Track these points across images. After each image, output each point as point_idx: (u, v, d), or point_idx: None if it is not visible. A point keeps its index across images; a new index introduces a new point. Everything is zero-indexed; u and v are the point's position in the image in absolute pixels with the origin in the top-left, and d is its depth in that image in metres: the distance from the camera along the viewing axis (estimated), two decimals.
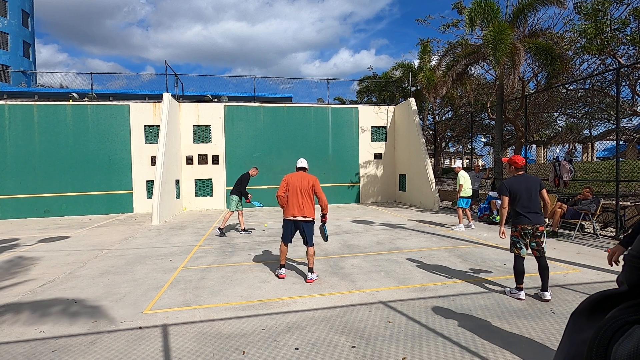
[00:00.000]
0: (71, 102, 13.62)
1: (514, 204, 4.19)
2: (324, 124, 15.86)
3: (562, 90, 13.82)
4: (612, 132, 13.09)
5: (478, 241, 7.42)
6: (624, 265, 0.53)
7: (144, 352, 3.07)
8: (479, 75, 17.53)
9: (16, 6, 30.89)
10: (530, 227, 4.10)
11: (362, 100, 23.27)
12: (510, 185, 4.19)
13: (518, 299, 4.11)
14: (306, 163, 5.27)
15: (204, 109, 14.82)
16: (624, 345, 0.43)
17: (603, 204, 7.55)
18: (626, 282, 0.51)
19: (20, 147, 13.07)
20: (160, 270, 5.67)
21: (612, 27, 9.84)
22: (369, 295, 4.38)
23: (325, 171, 15.62)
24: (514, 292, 4.22)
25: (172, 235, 8.82)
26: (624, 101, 11.40)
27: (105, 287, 4.85)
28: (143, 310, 4.02)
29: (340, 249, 6.93)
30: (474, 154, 16.35)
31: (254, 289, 4.66)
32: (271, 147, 15.26)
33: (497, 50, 9.84)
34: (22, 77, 31.01)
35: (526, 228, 4.11)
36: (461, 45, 13.10)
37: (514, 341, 3.15)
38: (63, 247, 7.67)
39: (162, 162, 11.71)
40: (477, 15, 10.75)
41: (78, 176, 13.46)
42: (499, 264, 5.63)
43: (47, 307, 4.15)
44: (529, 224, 4.10)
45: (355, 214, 12.13)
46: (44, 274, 5.57)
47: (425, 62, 16.96)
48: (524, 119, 11.35)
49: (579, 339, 0.52)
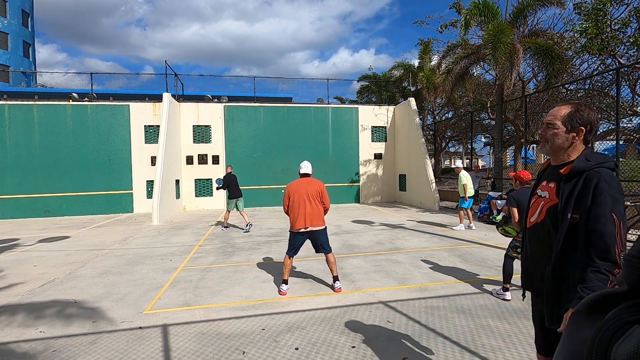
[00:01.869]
0: (71, 102, 13.62)
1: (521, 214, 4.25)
2: (324, 124, 15.87)
3: (562, 90, 13.82)
4: (612, 132, 13.09)
5: (478, 241, 7.42)
6: (624, 265, 0.52)
7: (144, 352, 3.07)
8: (479, 75, 17.54)
9: (16, 6, 30.90)
10: None
11: (362, 100, 23.29)
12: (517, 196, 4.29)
13: (504, 300, 4.14)
14: (310, 168, 4.73)
15: (204, 109, 14.83)
16: (624, 345, 0.43)
17: None
18: (626, 282, 0.51)
19: (20, 147, 13.07)
20: (160, 270, 5.67)
21: (612, 27, 9.84)
22: (369, 295, 4.38)
23: (325, 171, 15.62)
24: (499, 293, 4.25)
25: (172, 235, 8.82)
26: (624, 101, 11.40)
27: (105, 287, 4.85)
28: (143, 310, 4.03)
29: (340, 249, 6.93)
30: (474, 154, 16.35)
31: (254, 289, 4.66)
32: (271, 147, 15.26)
33: (496, 51, 9.85)
34: (22, 77, 31.01)
35: None
36: (461, 45, 13.11)
37: (514, 341, 3.15)
38: (63, 247, 7.68)
39: (162, 162, 11.71)
40: (472, 17, 10.77)
41: (78, 176, 13.46)
42: (499, 264, 5.62)
43: (47, 307, 4.15)
44: None
45: (355, 214, 12.13)
46: (44, 274, 5.57)
47: (425, 62, 16.96)
48: (524, 119, 11.36)
49: (579, 339, 0.52)
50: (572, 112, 1.62)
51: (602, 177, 1.50)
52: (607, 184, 1.49)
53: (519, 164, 13.95)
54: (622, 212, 1.48)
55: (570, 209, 1.54)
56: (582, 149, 1.63)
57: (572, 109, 1.63)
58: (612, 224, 1.45)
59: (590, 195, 1.50)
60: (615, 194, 1.48)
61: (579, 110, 1.61)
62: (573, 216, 1.54)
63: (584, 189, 1.52)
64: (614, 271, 1.43)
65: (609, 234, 1.44)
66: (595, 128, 1.62)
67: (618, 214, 1.46)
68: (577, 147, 1.63)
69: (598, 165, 1.54)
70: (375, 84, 21.73)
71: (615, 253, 1.43)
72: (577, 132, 1.61)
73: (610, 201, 1.47)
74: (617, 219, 1.45)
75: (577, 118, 1.60)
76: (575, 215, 1.54)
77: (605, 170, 1.53)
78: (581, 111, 1.61)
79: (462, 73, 12.38)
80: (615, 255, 1.43)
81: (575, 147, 1.63)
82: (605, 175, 1.51)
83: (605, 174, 1.52)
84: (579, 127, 1.60)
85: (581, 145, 1.63)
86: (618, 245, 1.44)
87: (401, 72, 18.83)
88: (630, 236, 7.43)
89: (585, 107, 1.62)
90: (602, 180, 1.49)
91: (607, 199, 1.47)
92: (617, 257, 1.43)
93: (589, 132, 1.61)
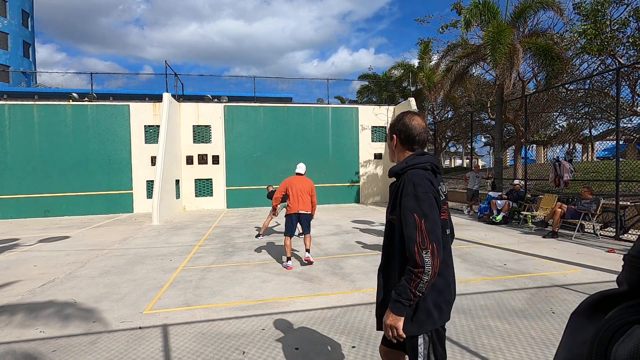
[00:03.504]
0: (71, 102, 13.62)
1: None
2: (324, 124, 15.87)
3: (562, 91, 13.83)
4: (612, 132, 13.10)
5: (478, 241, 7.42)
6: (624, 265, 0.53)
7: (144, 352, 3.07)
8: (479, 75, 17.55)
9: (16, 6, 30.89)
10: None
11: (362, 100, 23.28)
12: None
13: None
14: (304, 169, 6.07)
15: (204, 109, 14.83)
16: (624, 345, 0.43)
17: (603, 204, 7.54)
18: (626, 282, 0.51)
19: (20, 147, 13.07)
20: (160, 270, 5.67)
21: (611, 27, 9.84)
22: (369, 295, 4.38)
23: (325, 171, 15.63)
24: None
25: (172, 235, 8.82)
26: (624, 101, 11.41)
27: (105, 287, 4.85)
28: (143, 310, 4.02)
29: (340, 249, 6.94)
30: (474, 154, 16.36)
31: (254, 289, 4.66)
32: (271, 147, 15.26)
33: (496, 51, 9.85)
34: (22, 77, 31.01)
35: None
36: (461, 45, 13.11)
37: (514, 341, 3.15)
38: (63, 247, 7.68)
39: (162, 162, 11.71)
40: (473, 17, 10.76)
41: (78, 176, 13.46)
42: (499, 264, 5.63)
43: (47, 308, 4.15)
44: None
45: (355, 214, 12.13)
46: (44, 274, 5.58)
47: (425, 62, 16.97)
48: (524, 119, 11.36)
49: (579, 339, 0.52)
50: (392, 122, 1.80)
51: (407, 179, 1.58)
52: (411, 184, 1.54)
53: (519, 164, 13.96)
54: (425, 209, 1.49)
55: (389, 210, 1.69)
56: (407, 155, 1.73)
57: (393, 120, 1.79)
58: (413, 224, 1.48)
59: (399, 197, 1.59)
60: (419, 193, 1.52)
61: (396, 120, 1.77)
62: (391, 217, 1.66)
63: (397, 192, 1.62)
64: (415, 270, 1.45)
65: (411, 236, 1.48)
66: (408, 135, 1.71)
67: (418, 212, 1.49)
68: (403, 153, 1.74)
69: (410, 167, 1.63)
70: (375, 84, 21.74)
71: (415, 252, 1.46)
72: (392, 140, 1.77)
73: (413, 201, 1.51)
74: (418, 218, 1.48)
75: (392, 127, 1.78)
76: (393, 216, 1.64)
77: (412, 172, 1.60)
78: (396, 120, 1.77)
79: (462, 72, 12.38)
80: (415, 255, 1.45)
81: (402, 153, 1.75)
82: (412, 176, 1.57)
83: (412, 175, 1.58)
84: (392, 135, 1.77)
85: (405, 152, 1.74)
86: (418, 244, 1.46)
87: (401, 72, 18.84)
88: (630, 236, 7.44)
89: (400, 116, 1.76)
90: (407, 182, 1.57)
91: (409, 200, 1.53)
92: (417, 256, 1.44)
93: (404, 139, 1.72)
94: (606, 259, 5.83)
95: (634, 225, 7.70)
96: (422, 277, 1.44)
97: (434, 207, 1.52)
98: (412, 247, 1.47)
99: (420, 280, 1.44)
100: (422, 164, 1.62)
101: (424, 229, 1.47)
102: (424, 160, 1.64)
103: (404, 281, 1.48)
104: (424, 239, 1.46)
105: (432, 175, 1.62)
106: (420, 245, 1.45)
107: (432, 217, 1.49)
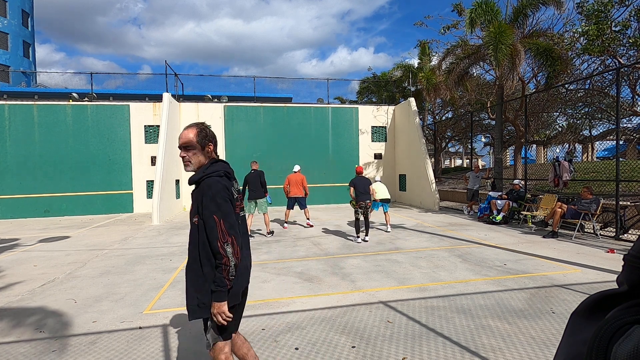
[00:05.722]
0: (71, 102, 13.62)
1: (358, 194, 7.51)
2: (324, 124, 15.86)
3: (562, 91, 13.83)
4: (612, 132, 13.09)
5: (478, 241, 7.42)
6: (624, 265, 0.52)
7: (144, 352, 3.07)
8: (479, 76, 17.54)
9: (16, 6, 30.89)
10: None
11: (362, 100, 23.28)
12: (355, 181, 6.26)
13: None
14: (299, 168, 9.47)
15: (204, 109, 14.82)
16: (624, 346, 0.43)
17: (603, 204, 7.54)
18: (626, 282, 0.51)
19: (20, 147, 13.07)
20: (160, 270, 5.67)
21: (612, 28, 9.84)
22: (369, 295, 4.38)
23: (325, 171, 15.62)
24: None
25: (172, 235, 8.82)
26: (624, 101, 11.41)
27: (105, 287, 4.85)
28: (143, 310, 4.03)
29: (340, 249, 6.94)
30: (474, 154, 16.35)
31: (254, 289, 4.66)
32: (271, 147, 15.25)
33: (498, 51, 9.83)
34: (22, 77, 31.00)
35: None
36: (461, 46, 13.10)
37: (514, 341, 3.15)
38: (63, 247, 7.68)
39: (162, 162, 11.71)
40: (477, 16, 10.74)
41: (78, 176, 13.46)
42: (499, 264, 5.63)
43: (47, 307, 4.15)
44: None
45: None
46: (44, 274, 5.57)
47: (424, 63, 16.97)
48: (524, 119, 11.36)
49: (579, 339, 0.52)
50: (203, 133, 1.98)
51: (206, 186, 1.84)
52: (210, 190, 1.81)
53: (519, 164, 13.96)
54: (224, 211, 1.80)
55: (194, 214, 1.90)
56: (206, 162, 1.97)
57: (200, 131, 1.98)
58: (214, 224, 1.77)
59: (202, 202, 1.84)
60: (216, 198, 1.80)
61: (204, 130, 1.99)
62: (194, 220, 1.89)
63: (198, 197, 1.87)
64: (222, 261, 1.76)
65: (213, 234, 1.78)
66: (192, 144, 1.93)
67: (218, 213, 1.79)
68: (202, 161, 1.97)
69: (206, 176, 1.88)
70: (375, 84, 21.74)
71: (218, 246, 1.76)
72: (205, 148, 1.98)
73: (212, 205, 1.80)
74: (217, 218, 1.78)
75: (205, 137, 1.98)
76: (196, 219, 1.88)
77: (209, 180, 1.86)
78: (205, 131, 1.99)
79: (462, 73, 12.37)
80: (218, 248, 1.76)
81: (201, 160, 1.97)
82: (210, 183, 1.84)
83: (209, 183, 1.84)
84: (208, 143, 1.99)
85: (205, 159, 1.97)
86: (220, 240, 1.76)
87: (401, 73, 18.83)
88: (630, 236, 7.44)
89: (203, 126, 2.00)
90: (206, 188, 1.83)
91: (209, 204, 1.80)
92: (221, 249, 1.76)
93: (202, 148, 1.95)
94: (606, 259, 5.83)
95: (634, 225, 7.70)
96: (230, 263, 1.77)
97: (230, 208, 1.83)
98: (215, 243, 1.77)
99: (229, 267, 1.77)
100: (216, 172, 1.89)
101: (223, 227, 1.77)
102: (218, 168, 1.91)
103: (217, 273, 1.78)
104: (224, 234, 1.77)
105: (226, 180, 1.90)
106: (222, 239, 1.76)
107: (229, 217, 1.80)
